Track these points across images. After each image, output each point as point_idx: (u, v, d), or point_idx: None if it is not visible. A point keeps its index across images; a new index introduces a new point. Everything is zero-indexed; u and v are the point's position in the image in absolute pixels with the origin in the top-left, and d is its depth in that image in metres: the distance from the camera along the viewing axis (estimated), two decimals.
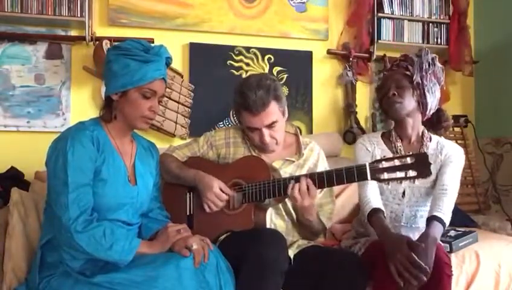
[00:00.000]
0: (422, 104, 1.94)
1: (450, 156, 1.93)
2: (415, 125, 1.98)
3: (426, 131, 2.00)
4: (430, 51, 1.98)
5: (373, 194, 1.87)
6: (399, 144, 1.98)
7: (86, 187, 1.50)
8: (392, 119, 2.02)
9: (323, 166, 1.93)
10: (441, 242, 1.92)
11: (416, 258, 1.58)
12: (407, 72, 1.93)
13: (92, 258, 1.52)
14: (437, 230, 1.72)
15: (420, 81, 1.90)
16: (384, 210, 1.84)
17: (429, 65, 1.92)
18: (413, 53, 1.98)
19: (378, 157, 1.74)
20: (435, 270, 1.67)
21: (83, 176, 1.50)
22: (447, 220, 1.78)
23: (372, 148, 2.00)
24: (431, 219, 1.76)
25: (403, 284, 1.59)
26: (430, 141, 1.99)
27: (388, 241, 1.69)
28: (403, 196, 1.94)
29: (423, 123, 2.01)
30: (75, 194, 1.47)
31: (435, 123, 2.04)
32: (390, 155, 1.71)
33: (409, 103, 1.92)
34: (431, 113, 1.99)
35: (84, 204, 1.48)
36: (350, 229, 2.22)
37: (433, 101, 1.95)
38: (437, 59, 1.97)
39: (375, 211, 1.81)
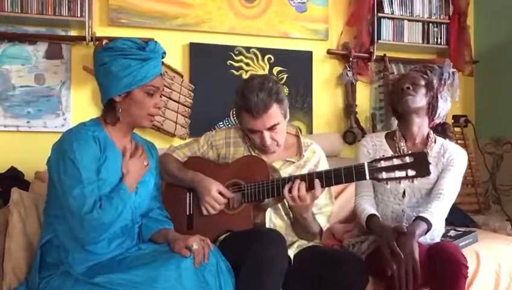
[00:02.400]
0: (432, 107, 1.96)
1: (451, 160, 1.94)
2: (421, 126, 1.98)
3: (432, 132, 2.00)
4: (452, 65, 2.06)
5: (368, 203, 1.94)
6: (402, 144, 1.98)
7: (96, 183, 1.51)
8: (400, 113, 2.01)
9: (324, 168, 1.92)
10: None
11: (395, 244, 1.67)
12: (425, 75, 1.97)
13: (96, 263, 1.53)
14: (417, 227, 1.76)
15: (436, 86, 1.94)
16: (379, 215, 1.89)
17: (448, 77, 1.99)
18: (437, 63, 2.05)
19: None
20: (453, 271, 1.70)
21: (92, 173, 1.51)
22: (435, 222, 1.80)
23: (373, 151, 2.01)
24: (416, 218, 1.80)
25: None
26: (435, 143, 1.99)
27: (381, 232, 1.78)
28: (403, 196, 1.94)
29: None
30: (90, 187, 1.48)
31: (440, 134, 2.06)
32: None
33: (421, 99, 1.95)
34: (438, 121, 2.01)
35: (96, 196, 1.50)
36: (352, 229, 2.22)
37: (443, 108, 1.99)
38: (457, 74, 2.01)
39: (372, 216, 1.87)
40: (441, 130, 2.07)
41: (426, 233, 1.79)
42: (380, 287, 1.78)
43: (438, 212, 1.83)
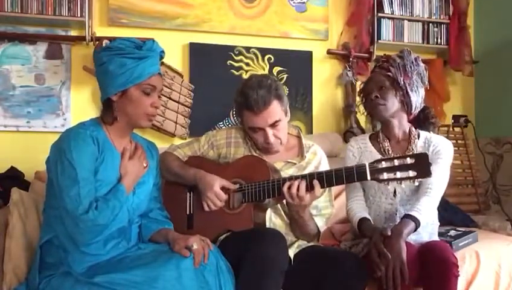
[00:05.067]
0: (406, 103, 1.95)
1: (437, 152, 1.92)
2: (401, 124, 1.99)
3: (414, 129, 2.00)
4: (412, 51, 1.99)
5: (359, 207, 1.94)
6: (386, 144, 1.99)
7: (93, 184, 1.51)
8: (376, 120, 2.04)
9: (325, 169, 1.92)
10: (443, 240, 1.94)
11: (382, 245, 1.68)
12: (389, 74, 1.94)
13: (96, 262, 1.53)
14: (404, 226, 1.75)
15: (403, 82, 1.92)
16: (370, 219, 1.89)
17: (412, 66, 1.94)
18: (395, 54, 1.99)
19: (366, 161, 1.74)
20: (443, 270, 1.70)
21: (89, 174, 1.51)
22: (423, 219, 1.80)
23: (359, 154, 2.02)
24: (403, 217, 1.80)
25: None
26: (418, 138, 1.99)
27: (371, 234, 1.78)
28: (394, 195, 1.94)
29: (410, 122, 2.02)
30: (87, 188, 1.48)
31: (422, 121, 2.04)
32: (379, 157, 1.72)
33: (392, 104, 1.93)
34: (416, 111, 2.00)
35: (93, 197, 1.50)
36: (349, 230, 2.22)
37: (417, 100, 1.96)
38: (420, 59, 1.98)
39: (363, 220, 1.87)
40: (422, 117, 2.04)
41: (415, 230, 1.78)
42: (373, 288, 1.78)
43: (425, 208, 1.82)
